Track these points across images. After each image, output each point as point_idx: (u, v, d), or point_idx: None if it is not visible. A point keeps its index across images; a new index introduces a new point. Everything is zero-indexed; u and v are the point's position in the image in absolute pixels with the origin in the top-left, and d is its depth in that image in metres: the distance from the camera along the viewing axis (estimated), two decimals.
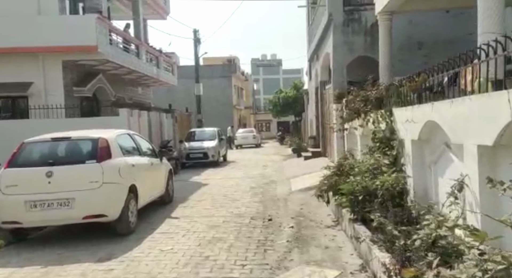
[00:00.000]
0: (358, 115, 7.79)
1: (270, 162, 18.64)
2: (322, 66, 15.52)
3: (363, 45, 11.84)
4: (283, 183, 11.58)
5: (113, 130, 7.41)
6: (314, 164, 14.12)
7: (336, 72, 11.98)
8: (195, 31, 25.50)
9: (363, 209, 5.34)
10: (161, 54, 22.12)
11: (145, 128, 16.67)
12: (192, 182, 12.84)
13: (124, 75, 19.24)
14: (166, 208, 8.71)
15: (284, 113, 35.14)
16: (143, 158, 7.89)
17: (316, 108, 17.98)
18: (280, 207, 8.43)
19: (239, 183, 11.99)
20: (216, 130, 19.47)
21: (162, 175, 8.82)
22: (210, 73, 40.98)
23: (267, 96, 75.75)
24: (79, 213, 6.16)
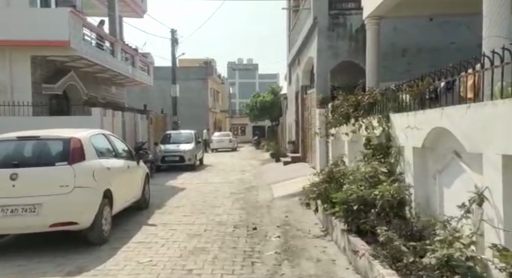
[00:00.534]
0: (347, 120, 7.53)
1: (248, 167, 18.25)
2: (304, 71, 15.31)
3: (347, 50, 11.67)
4: (264, 188, 11.21)
5: (87, 130, 6.84)
6: (294, 169, 13.84)
7: (320, 77, 11.76)
8: (173, 31, 24.89)
9: (357, 219, 5.04)
10: (137, 53, 21.41)
11: (119, 129, 15.96)
12: (168, 186, 12.28)
13: (98, 74, 18.48)
14: (142, 214, 8.17)
15: (261, 118, 34.89)
16: (119, 160, 7.34)
17: (296, 113, 17.75)
18: (264, 214, 8.05)
19: (218, 188, 11.53)
20: (193, 133, 18.93)
21: (138, 178, 8.28)
22: (186, 75, 40.37)
23: (242, 100, 75.59)
24: (47, 220, 5.58)
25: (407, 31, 11.35)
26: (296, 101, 17.72)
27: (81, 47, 14.28)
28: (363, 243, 4.64)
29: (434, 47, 11.39)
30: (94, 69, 17.38)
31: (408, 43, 11.46)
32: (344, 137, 7.98)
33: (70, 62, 15.24)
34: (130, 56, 20.73)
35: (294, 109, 18.29)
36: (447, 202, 3.98)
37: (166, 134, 19.44)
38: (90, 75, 18.16)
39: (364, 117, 6.36)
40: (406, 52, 11.50)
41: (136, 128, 18.25)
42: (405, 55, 11.48)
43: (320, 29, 11.63)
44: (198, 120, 38.11)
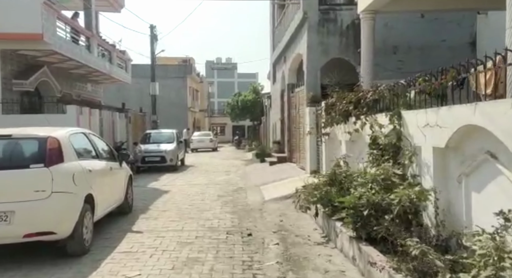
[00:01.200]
0: (346, 119, 7.14)
1: (232, 167, 17.72)
2: (290, 68, 14.91)
3: (338, 47, 11.33)
4: (253, 190, 10.73)
5: (65, 129, 6.18)
6: (282, 170, 13.43)
7: (310, 74, 11.37)
8: (152, 27, 24.07)
9: (368, 226, 4.63)
10: (114, 49, 20.55)
11: (96, 129, 15.14)
12: (151, 188, 11.64)
13: (72, 70, 17.58)
14: (125, 219, 7.55)
15: (243, 117, 34.37)
16: (101, 161, 6.71)
17: (281, 112, 17.34)
18: (257, 218, 7.56)
19: (204, 190, 10.97)
20: (174, 133, 18.25)
21: (121, 181, 7.65)
22: (165, 73, 39.42)
23: (221, 99, 74.80)
24: (20, 230, 4.93)
25: (398, 28, 11.11)
26: (282, 100, 17.32)
27: (55, 41, 13.46)
28: (377, 253, 4.23)
29: (425, 45, 11.19)
30: (69, 65, 16.50)
31: (399, 41, 11.20)
32: (342, 136, 7.60)
33: (43, 57, 14.38)
34: (107, 52, 19.87)
35: (279, 108, 17.89)
36: (478, 208, 3.61)
37: (146, 134, 18.69)
38: (64, 71, 17.26)
39: (367, 115, 5.97)
40: (397, 50, 11.25)
41: (114, 127, 17.45)
42: (396, 53, 11.23)
43: (310, 24, 11.24)
44: (177, 120, 37.30)
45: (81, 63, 16.21)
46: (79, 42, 16.25)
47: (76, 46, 15.60)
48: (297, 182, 10.26)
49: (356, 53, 11.18)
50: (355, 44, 11.22)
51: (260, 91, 32.97)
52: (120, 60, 22.53)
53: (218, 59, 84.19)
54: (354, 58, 11.25)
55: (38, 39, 12.51)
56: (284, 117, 17.11)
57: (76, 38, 15.91)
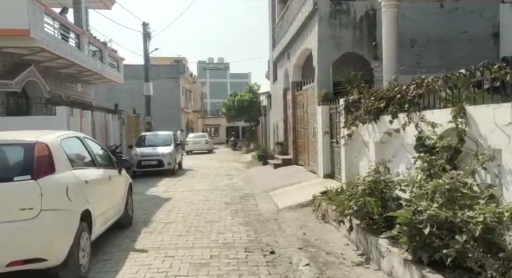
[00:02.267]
0: (375, 117, 6.31)
1: (233, 170, 16.84)
2: (296, 65, 14.09)
3: (351, 40, 10.52)
4: (262, 197, 9.85)
5: (56, 132, 5.25)
6: (289, 174, 12.59)
7: (321, 70, 10.54)
8: (145, 24, 23.05)
9: (429, 247, 3.80)
10: (106, 47, 19.54)
11: (88, 131, 14.16)
12: (150, 195, 10.71)
13: (62, 69, 16.58)
14: (126, 234, 6.64)
15: (239, 118, 33.46)
16: (99, 169, 5.80)
17: (284, 112, 16.51)
18: (275, 231, 6.70)
19: (209, 197, 10.08)
20: (171, 135, 17.32)
21: (121, 191, 6.74)
22: (157, 73, 38.34)
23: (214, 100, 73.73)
24: (2, 257, 4.02)
25: (416, 19, 10.31)
26: (284, 99, 16.48)
27: (43, 37, 12.47)
28: None
29: (444, 37, 10.43)
30: (58, 64, 15.50)
31: (417, 33, 10.41)
32: (369, 137, 6.77)
33: (30, 55, 13.38)
34: (98, 50, 18.86)
35: (281, 108, 17.05)
36: None
37: (141, 136, 17.72)
38: (53, 71, 16.26)
39: (410, 112, 5.14)
40: (415, 43, 10.47)
41: (107, 130, 16.49)
42: (414, 46, 10.44)
43: (321, 16, 10.42)
44: (170, 121, 36.31)
45: (71, 62, 15.22)
46: (68, 40, 15.27)
47: (66, 44, 14.61)
48: (310, 188, 9.44)
49: (371, 47, 10.41)
50: (369, 37, 10.45)
51: (256, 91, 32.09)
52: (112, 59, 21.53)
53: (210, 59, 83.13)
54: (369, 52, 10.46)
55: (25, 35, 11.54)
56: (287, 117, 16.28)
57: (65, 35, 14.93)
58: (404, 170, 5.53)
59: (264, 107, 26.27)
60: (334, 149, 9.67)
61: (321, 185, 9.33)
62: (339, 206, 5.57)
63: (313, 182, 10.00)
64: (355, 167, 7.85)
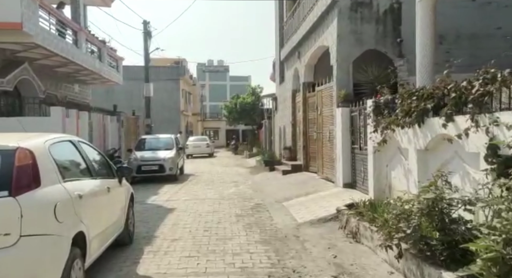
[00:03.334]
0: (420, 120, 5.41)
1: (238, 176, 15.91)
2: (307, 65, 13.21)
3: (374, 36, 9.65)
4: (276, 209, 8.93)
5: (44, 135, 4.32)
6: (301, 182, 11.68)
7: (341, 69, 9.65)
8: (145, 22, 22.16)
9: None
10: (104, 46, 18.63)
11: (85, 134, 13.27)
12: (152, 205, 9.76)
13: (58, 68, 15.68)
14: (126, 255, 5.70)
15: (242, 121, 32.55)
16: (96, 180, 4.86)
17: (293, 115, 15.63)
18: (300, 252, 5.77)
19: (217, 208, 9.15)
20: (173, 138, 16.39)
21: (122, 204, 5.82)
22: (156, 75, 37.53)
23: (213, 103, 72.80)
24: None
25: (445, 13, 9.37)
26: (293, 101, 15.61)
27: (37, 32, 11.58)
28: None
29: (475, 34, 9.58)
30: (54, 62, 14.60)
31: (446, 29, 9.52)
32: (408, 143, 5.87)
33: (23, 51, 12.48)
34: (96, 48, 17.96)
35: (289, 110, 16.18)
36: None
37: (141, 140, 16.76)
38: (48, 70, 15.35)
39: (475, 114, 4.24)
40: (444, 40, 9.59)
41: (105, 132, 15.59)
42: (443, 43, 9.55)
43: (341, 9, 9.55)
44: (170, 124, 35.49)
45: (67, 60, 14.31)
46: (65, 36, 14.37)
47: (62, 40, 13.72)
48: (330, 199, 8.53)
49: (395, 44, 9.54)
50: (394, 33, 9.59)
51: (259, 93, 31.21)
52: (111, 58, 20.63)
53: (209, 62, 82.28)
54: (393, 50, 9.59)
55: (17, 29, 10.64)
56: (296, 121, 15.40)
57: (62, 31, 14.03)
58: (459, 184, 4.63)
59: (268, 110, 25.41)
60: (356, 156, 8.78)
61: (342, 195, 8.44)
62: (382, 226, 4.65)
63: (332, 192, 9.10)
64: (385, 177, 6.95)
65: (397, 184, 6.54)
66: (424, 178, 5.43)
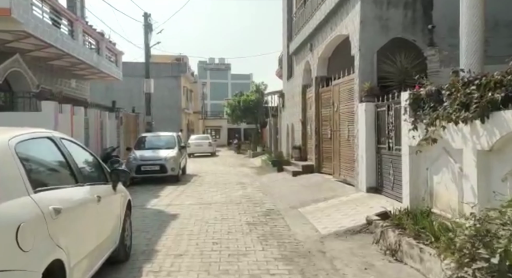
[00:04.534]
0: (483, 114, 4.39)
1: (244, 177, 14.91)
2: (321, 57, 12.20)
3: (401, 23, 8.65)
4: (291, 215, 7.93)
5: (11, 130, 3.30)
6: (314, 184, 10.69)
7: (364, 59, 8.64)
8: (146, 15, 21.15)
9: None
10: (103, 39, 17.64)
11: (80, 131, 12.28)
12: (152, 210, 8.76)
13: (53, 61, 14.73)
14: (121, 276, 4.71)
15: (245, 119, 31.50)
16: (83, 188, 3.85)
17: (302, 112, 14.63)
18: (331, 274, 4.76)
19: (225, 214, 8.15)
20: (175, 136, 15.38)
21: (116, 215, 4.81)
22: (157, 71, 36.51)
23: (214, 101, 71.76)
24: None
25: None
26: (303, 97, 14.61)
27: (28, 20, 10.62)
28: None
29: None
30: (48, 54, 13.65)
31: None
32: (462, 143, 4.85)
33: (14, 41, 11.52)
34: (94, 41, 16.97)
35: (298, 107, 15.18)
36: None
37: (141, 138, 15.75)
38: (42, 62, 14.40)
39: None
40: None
41: (103, 130, 14.61)
42: None
43: None
44: (170, 122, 34.50)
45: (62, 52, 13.35)
46: (60, 26, 13.39)
47: (56, 30, 12.74)
48: (354, 205, 7.53)
49: (426, 31, 8.54)
50: (424, 19, 8.58)
51: (263, 90, 30.17)
52: (111, 53, 19.65)
53: (211, 60, 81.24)
54: (423, 37, 8.59)
55: (5, 16, 9.71)
56: (306, 118, 14.40)
57: (56, 21, 13.04)
58: None
59: (273, 108, 24.41)
60: (383, 157, 7.78)
61: (368, 202, 7.44)
62: (446, 249, 3.64)
63: (354, 197, 8.10)
64: (425, 183, 5.95)
65: (442, 191, 5.54)
66: (486, 185, 4.45)
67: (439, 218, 5.32)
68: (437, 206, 5.64)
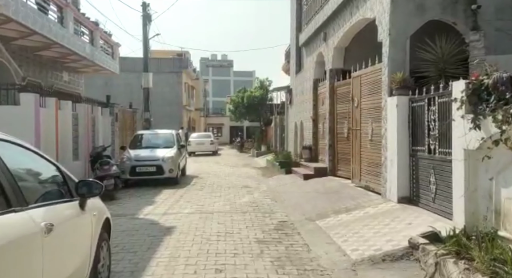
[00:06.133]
0: None
1: (249, 179, 13.63)
2: (337, 47, 10.91)
3: (439, 2, 7.34)
4: (308, 229, 6.65)
5: None
6: (331, 189, 9.40)
7: (395, 45, 7.33)
8: (145, 4, 19.86)
9: None
10: (97, 28, 16.37)
11: (67, 128, 11.01)
12: (143, 221, 7.48)
13: (41, 51, 13.49)
14: None
15: (249, 116, 30.19)
16: (22, 214, 2.56)
17: (314, 109, 13.35)
18: None
19: (229, 227, 6.85)
20: (174, 134, 14.10)
21: (82, 245, 3.53)
22: (158, 67, 35.35)
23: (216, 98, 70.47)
24: None
25: None
26: (315, 92, 13.33)
27: (8, 1, 9.37)
28: None
29: None
30: (35, 43, 12.43)
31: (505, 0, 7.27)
32: None
33: None
34: (88, 31, 15.71)
35: (308, 104, 13.91)
36: None
37: (137, 136, 14.48)
38: (30, 53, 13.18)
39: None
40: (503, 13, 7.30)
41: (95, 127, 13.34)
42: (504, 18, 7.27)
43: None
44: (171, 119, 33.33)
45: (50, 41, 12.12)
46: (47, 12, 12.14)
47: (43, 16, 11.48)
48: (387, 220, 6.23)
49: (469, 13, 7.23)
50: None
51: (267, 86, 28.85)
52: (106, 44, 18.38)
53: (213, 56, 79.85)
54: (465, 20, 7.29)
55: None
56: (318, 115, 13.12)
57: (42, 6, 11.79)
58: None
59: (279, 105, 23.14)
60: (421, 161, 6.49)
61: (404, 216, 6.16)
62: None
63: (384, 209, 6.81)
64: (488, 196, 4.66)
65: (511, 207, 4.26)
66: None
67: (509, 243, 4.07)
68: (506, 227, 4.36)
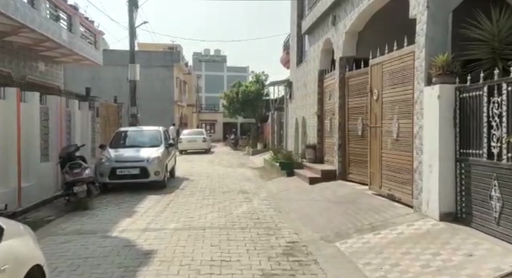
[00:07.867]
0: None
1: (246, 182, 12.12)
2: (349, 32, 9.43)
3: None
4: (328, 256, 5.17)
5: None
6: (343, 198, 7.94)
7: (434, 21, 5.85)
8: None
9: None
10: (76, 13, 14.70)
11: (32, 124, 9.36)
12: (116, 241, 5.93)
13: (10, 36, 11.84)
14: None
15: (244, 112, 28.64)
16: None
17: (319, 104, 11.88)
18: None
19: (225, 253, 5.34)
20: (161, 131, 12.51)
21: None
22: (148, 60, 33.68)
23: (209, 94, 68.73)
24: None
25: None
26: (320, 85, 11.85)
27: None
28: None
29: None
30: (1, 27, 10.76)
31: None
32: None
33: None
34: (66, 15, 14.05)
35: (313, 97, 12.45)
36: None
37: (119, 133, 12.83)
38: None
39: None
40: None
41: (71, 123, 11.74)
42: None
43: None
44: (162, 115, 31.74)
45: (17, 23, 10.47)
46: None
47: None
48: (432, 245, 4.71)
49: None
50: None
51: (263, 81, 27.33)
52: (88, 32, 16.70)
53: (206, 51, 77.98)
54: None
55: None
56: (324, 111, 11.65)
57: None
58: None
59: (276, 101, 21.65)
60: (473, 168, 5.04)
61: (454, 240, 4.71)
62: None
63: (424, 229, 5.35)
64: None
65: None
66: None
67: None
68: None
